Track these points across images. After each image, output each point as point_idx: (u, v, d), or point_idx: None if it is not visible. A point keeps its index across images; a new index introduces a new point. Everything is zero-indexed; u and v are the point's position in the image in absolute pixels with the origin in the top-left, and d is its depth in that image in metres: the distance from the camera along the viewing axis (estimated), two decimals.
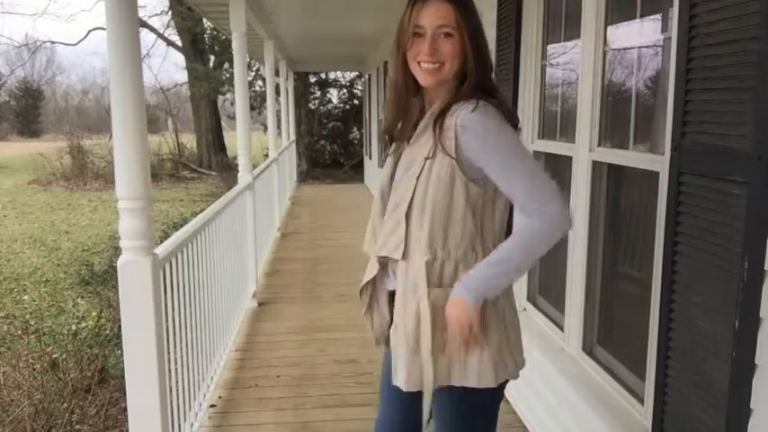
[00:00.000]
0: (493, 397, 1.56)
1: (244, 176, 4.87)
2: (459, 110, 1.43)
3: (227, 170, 17.66)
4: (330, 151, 19.98)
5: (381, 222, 1.56)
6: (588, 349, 2.46)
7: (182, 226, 3.14)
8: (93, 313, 6.44)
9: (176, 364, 2.55)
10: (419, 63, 1.47)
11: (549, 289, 2.98)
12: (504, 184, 1.43)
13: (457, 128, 1.42)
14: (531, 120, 3.01)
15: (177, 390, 2.55)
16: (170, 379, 2.33)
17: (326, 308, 4.67)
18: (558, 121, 2.86)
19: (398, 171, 1.55)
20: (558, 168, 2.79)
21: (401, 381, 1.51)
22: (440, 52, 1.45)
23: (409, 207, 1.47)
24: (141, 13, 19.30)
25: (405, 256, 1.49)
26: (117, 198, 1.97)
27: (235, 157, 10.88)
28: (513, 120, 1.49)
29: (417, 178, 1.46)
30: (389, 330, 1.60)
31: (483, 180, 1.45)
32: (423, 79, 1.49)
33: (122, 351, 2.08)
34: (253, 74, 18.05)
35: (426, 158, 1.45)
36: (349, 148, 19.62)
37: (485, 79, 1.49)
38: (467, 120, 1.41)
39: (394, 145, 1.61)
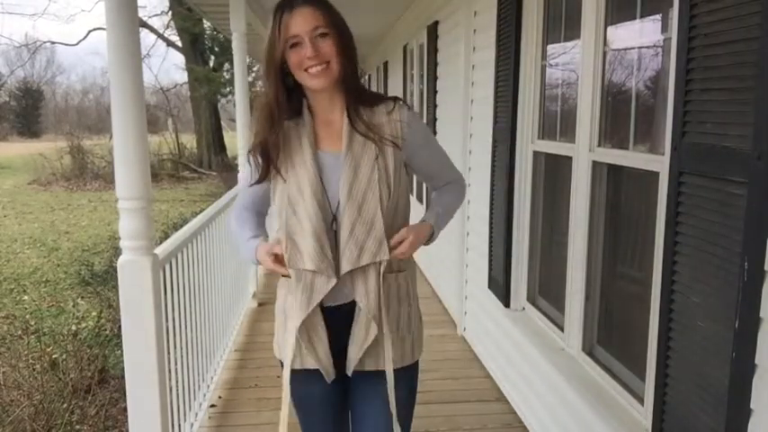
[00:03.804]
0: None
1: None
2: (395, 109, 1.55)
3: (228, 170, 17.66)
4: None
5: (328, 235, 1.49)
6: (588, 349, 2.46)
7: (182, 226, 3.14)
8: (93, 313, 6.44)
9: (176, 364, 2.55)
10: (306, 70, 1.47)
11: (548, 289, 2.98)
12: (440, 169, 1.71)
13: (403, 123, 1.55)
14: (531, 120, 3.01)
15: (177, 390, 2.55)
16: (170, 379, 2.33)
17: None
18: (558, 122, 2.86)
19: (328, 179, 1.51)
20: (558, 168, 2.80)
21: (396, 360, 1.57)
22: (322, 53, 1.46)
23: (380, 207, 1.48)
24: (141, 13, 19.30)
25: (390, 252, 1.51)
26: (117, 198, 1.97)
27: (235, 157, 10.88)
28: None
29: (378, 180, 1.49)
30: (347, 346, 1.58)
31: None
32: (315, 84, 1.49)
33: (122, 351, 2.08)
34: (253, 74, 18.05)
35: (377, 157, 1.50)
36: None
37: (358, 75, 1.58)
38: (411, 117, 1.58)
39: (296, 155, 1.52)
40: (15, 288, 8.08)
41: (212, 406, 3.14)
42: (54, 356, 5.01)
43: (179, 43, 21.41)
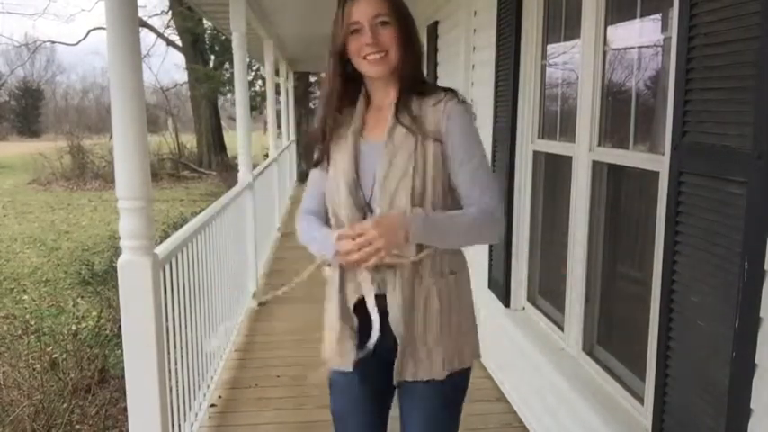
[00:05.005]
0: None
1: (244, 176, 4.87)
2: (442, 101, 1.48)
3: (227, 170, 17.66)
4: None
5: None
6: (588, 349, 2.46)
7: (181, 226, 3.14)
8: (93, 313, 6.44)
9: (176, 364, 2.55)
10: (365, 57, 1.48)
11: (549, 289, 2.98)
12: (466, 176, 1.46)
13: (445, 117, 1.46)
14: (531, 120, 3.01)
15: (177, 390, 2.55)
16: (170, 379, 2.33)
17: None
18: (558, 121, 2.86)
19: (366, 169, 1.50)
20: (558, 168, 2.80)
21: (438, 370, 1.49)
22: (381, 41, 1.46)
23: (410, 201, 1.43)
24: (141, 13, 19.29)
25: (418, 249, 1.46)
26: (117, 198, 1.97)
27: (235, 157, 10.89)
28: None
29: (413, 170, 1.44)
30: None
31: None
32: (373, 71, 1.50)
33: (122, 351, 2.08)
34: (252, 74, 18.05)
35: (415, 149, 1.45)
36: None
37: (420, 66, 1.54)
38: (453, 109, 1.47)
39: (342, 143, 1.53)
40: (15, 288, 8.08)
41: (212, 406, 3.14)
42: (54, 356, 5.01)
43: (179, 43, 21.41)
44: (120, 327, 2.07)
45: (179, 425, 2.53)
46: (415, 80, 1.52)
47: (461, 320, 1.54)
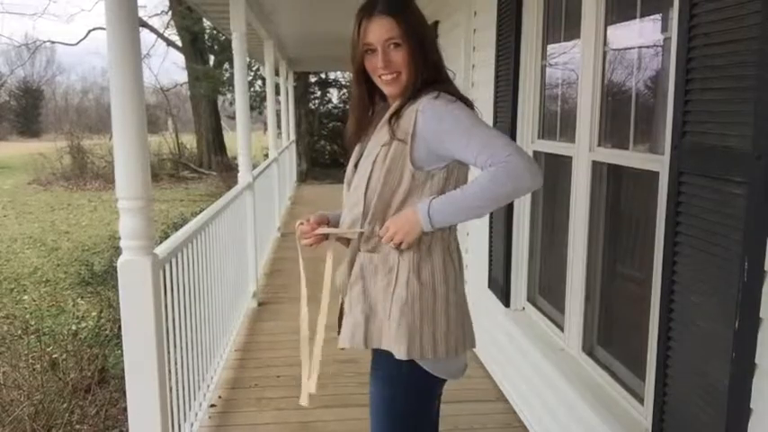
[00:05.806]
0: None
1: (244, 176, 4.87)
2: (418, 100, 1.54)
3: (227, 170, 17.65)
4: (330, 151, 20.00)
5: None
6: (588, 349, 2.46)
7: (181, 226, 3.14)
8: (93, 313, 6.44)
9: (176, 364, 2.55)
10: (380, 77, 1.58)
11: (549, 289, 2.98)
12: (465, 151, 1.48)
13: (417, 113, 1.52)
14: (531, 120, 3.01)
15: (177, 390, 2.55)
16: (170, 379, 2.33)
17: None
18: (558, 121, 2.86)
19: (361, 161, 1.66)
20: (558, 168, 2.80)
21: (345, 339, 1.69)
22: (393, 63, 1.55)
23: (366, 188, 1.56)
24: (141, 13, 19.29)
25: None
26: (117, 198, 1.97)
27: (235, 157, 10.90)
28: (470, 107, 1.59)
29: (374, 162, 1.55)
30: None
31: (434, 170, 1.53)
32: (387, 90, 1.61)
33: (122, 351, 2.08)
34: (252, 74, 18.05)
35: (383, 145, 1.55)
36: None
37: (437, 77, 1.59)
38: (428, 105, 1.52)
39: (358, 145, 1.71)
40: (15, 288, 8.08)
41: (212, 406, 3.15)
42: (54, 356, 5.01)
43: (179, 43, 21.41)
44: (120, 327, 2.07)
45: (179, 425, 2.53)
46: (421, 90, 1.56)
47: (395, 304, 1.56)
